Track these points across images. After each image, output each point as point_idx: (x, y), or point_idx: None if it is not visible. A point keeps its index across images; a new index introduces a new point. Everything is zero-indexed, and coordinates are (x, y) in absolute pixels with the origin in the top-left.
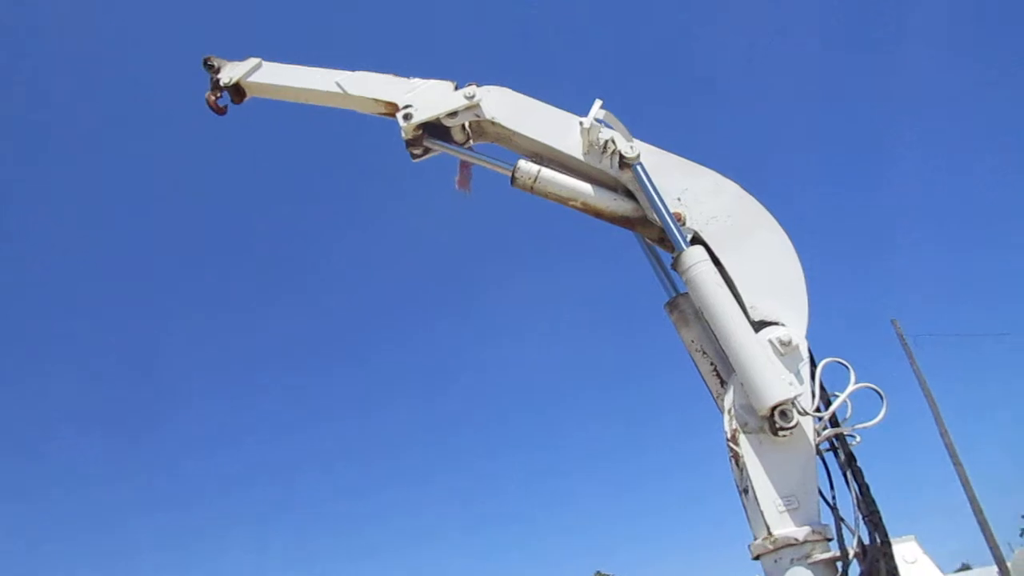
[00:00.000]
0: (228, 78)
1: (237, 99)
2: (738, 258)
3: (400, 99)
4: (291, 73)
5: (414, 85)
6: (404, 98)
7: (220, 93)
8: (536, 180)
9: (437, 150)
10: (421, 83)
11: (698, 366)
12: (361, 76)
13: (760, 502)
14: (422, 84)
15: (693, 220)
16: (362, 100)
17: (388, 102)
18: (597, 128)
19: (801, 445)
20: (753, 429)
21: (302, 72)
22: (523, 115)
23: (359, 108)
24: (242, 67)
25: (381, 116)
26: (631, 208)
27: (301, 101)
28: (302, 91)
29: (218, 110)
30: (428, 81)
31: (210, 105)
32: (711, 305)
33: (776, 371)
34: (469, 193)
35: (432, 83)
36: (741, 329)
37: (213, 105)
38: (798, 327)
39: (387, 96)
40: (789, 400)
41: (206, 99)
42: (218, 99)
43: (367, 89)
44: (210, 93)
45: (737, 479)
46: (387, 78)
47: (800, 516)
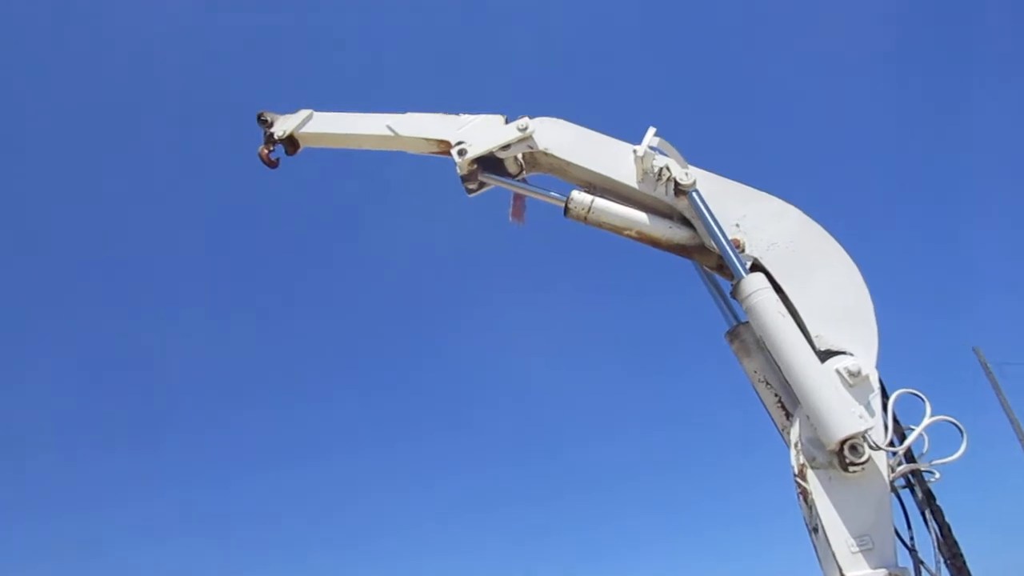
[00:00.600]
0: (282, 131)
1: (291, 150)
2: (801, 285)
3: (452, 136)
4: (343, 121)
5: (464, 121)
6: (456, 135)
7: (273, 147)
8: (590, 210)
9: (492, 184)
10: (470, 119)
11: (762, 398)
12: (411, 117)
13: (831, 542)
14: (472, 120)
15: (753, 247)
16: (414, 141)
17: (440, 140)
18: (651, 156)
19: (874, 482)
20: (822, 464)
21: (353, 119)
22: (576, 145)
23: (411, 149)
24: (294, 119)
25: (433, 155)
26: (688, 236)
27: (354, 147)
28: (354, 137)
29: (270, 164)
30: (477, 116)
31: (263, 159)
32: (773, 334)
33: (844, 403)
34: (523, 224)
35: (482, 118)
36: (805, 359)
37: (266, 159)
38: (867, 356)
39: (438, 135)
40: (859, 434)
41: (259, 153)
42: (271, 152)
43: (418, 129)
44: (263, 147)
45: (806, 517)
46: (436, 117)
47: (875, 558)
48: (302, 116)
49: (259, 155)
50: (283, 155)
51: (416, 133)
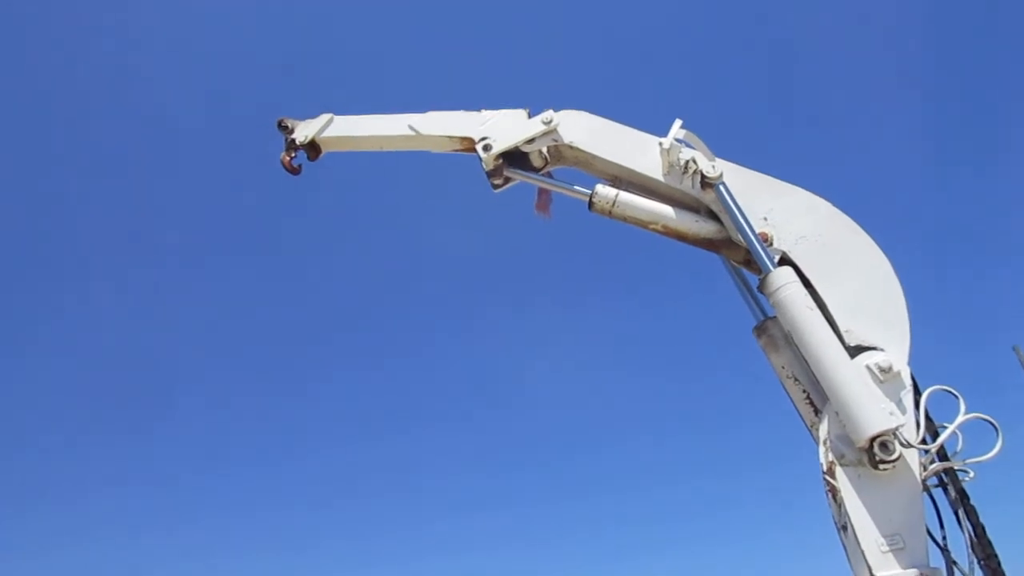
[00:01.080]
0: (303, 136)
1: (313, 156)
2: (830, 279)
3: (475, 132)
4: (364, 123)
5: (486, 117)
6: (479, 131)
7: (295, 153)
8: (615, 204)
9: (517, 179)
10: (493, 114)
11: (790, 394)
12: (432, 116)
13: (861, 541)
14: (494, 115)
15: (781, 240)
16: (437, 139)
17: (463, 137)
18: (677, 148)
19: (905, 480)
20: (851, 462)
21: (374, 121)
22: (601, 138)
23: (434, 148)
24: (315, 124)
25: (456, 152)
26: (714, 230)
27: (376, 149)
28: (376, 139)
29: (292, 170)
30: (499, 112)
31: (285, 166)
32: (801, 329)
33: (874, 399)
34: (549, 218)
35: (504, 112)
36: (835, 354)
37: (288, 166)
38: (899, 352)
39: (461, 132)
40: (889, 431)
41: (281, 160)
42: (293, 159)
43: (441, 128)
44: (285, 154)
45: (835, 515)
46: (458, 114)
47: (906, 557)
48: (323, 120)
49: (281, 162)
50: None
51: (439, 131)
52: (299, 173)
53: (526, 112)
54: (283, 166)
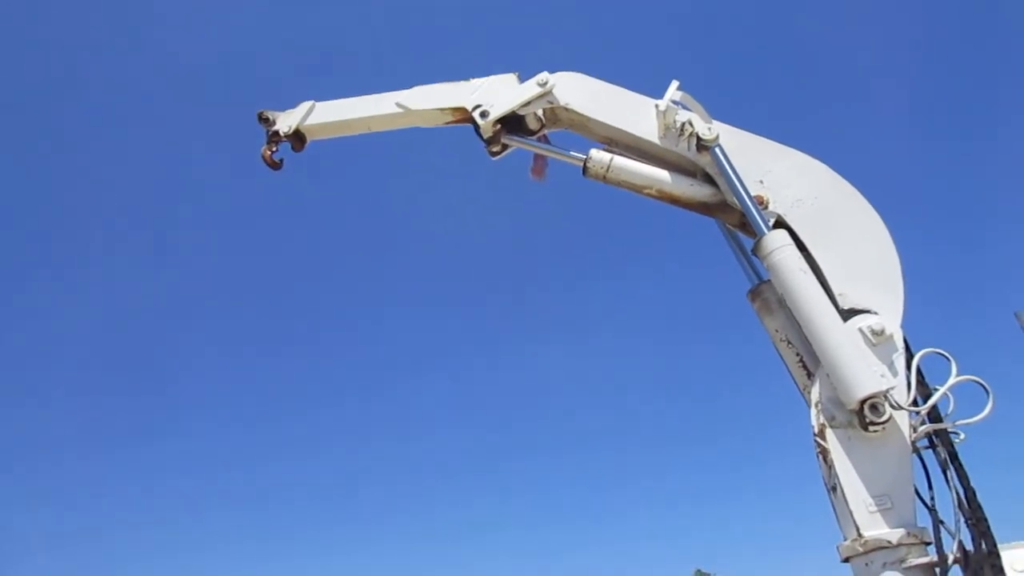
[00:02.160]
0: (287, 126)
1: (298, 146)
2: (826, 242)
3: (468, 101)
4: (348, 106)
5: (476, 85)
6: (472, 99)
7: (276, 147)
8: (609, 169)
9: (514, 145)
10: (482, 81)
11: (783, 357)
12: (420, 90)
13: (849, 501)
14: (484, 82)
15: (776, 203)
16: (428, 113)
17: (455, 108)
18: (674, 110)
19: (894, 441)
20: (841, 424)
21: (359, 102)
22: (597, 100)
23: (425, 123)
24: (297, 113)
25: (448, 125)
26: (709, 193)
27: (363, 131)
28: (363, 120)
29: (274, 165)
30: (488, 78)
31: (266, 160)
32: (794, 292)
33: (866, 362)
34: (544, 182)
35: (494, 78)
36: (827, 317)
37: (269, 160)
38: (892, 315)
39: (453, 102)
40: (880, 393)
41: (262, 155)
42: (274, 153)
43: (430, 101)
44: (266, 148)
45: (825, 476)
46: (446, 85)
47: (894, 517)
48: (305, 108)
49: (262, 156)
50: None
51: (429, 105)
52: (280, 168)
53: (516, 76)
54: (264, 161)
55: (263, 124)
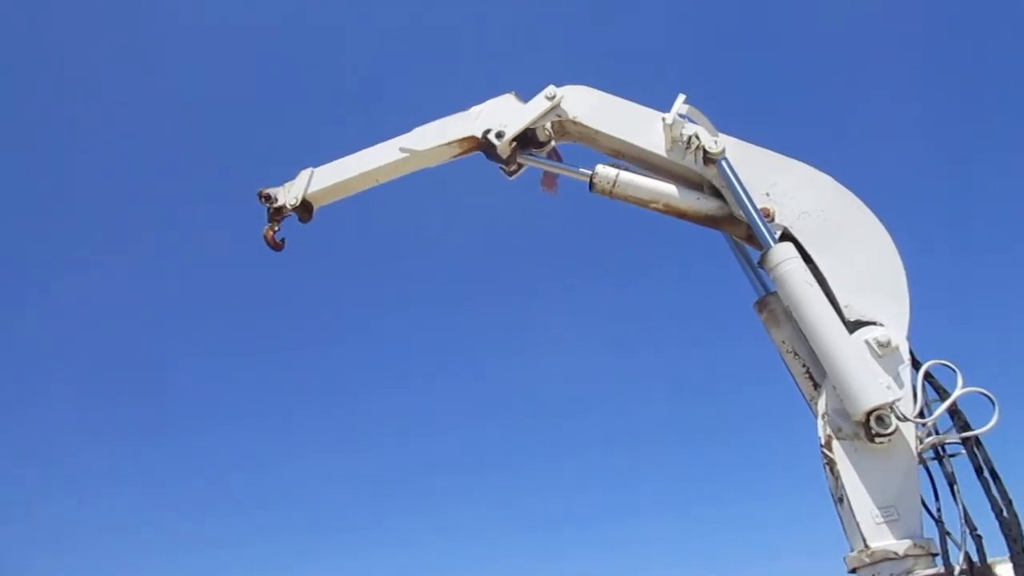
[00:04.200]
0: (293, 198)
1: (305, 217)
2: (831, 254)
3: (476, 129)
4: (350, 163)
5: (477, 112)
6: (479, 126)
7: (279, 225)
8: (615, 184)
9: (529, 164)
10: (482, 107)
11: (790, 368)
12: (421, 130)
13: (856, 512)
14: (485, 107)
15: (783, 216)
16: (437, 150)
17: (464, 139)
18: (680, 123)
19: (901, 453)
20: (848, 435)
21: (360, 157)
22: (604, 113)
23: (434, 161)
24: (299, 183)
25: (456, 158)
26: (716, 207)
27: (372, 185)
28: (370, 174)
29: (276, 246)
30: (488, 102)
31: (269, 242)
32: (800, 304)
33: (872, 374)
34: (555, 194)
35: (493, 102)
36: (833, 329)
37: (272, 242)
38: (898, 327)
39: (461, 133)
40: (886, 405)
41: (265, 237)
42: (276, 233)
43: (436, 138)
44: (269, 228)
45: (832, 487)
46: (447, 119)
47: (900, 528)
48: (305, 176)
49: (264, 238)
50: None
51: (436, 142)
52: (282, 248)
53: (513, 95)
54: (267, 243)
55: (264, 202)
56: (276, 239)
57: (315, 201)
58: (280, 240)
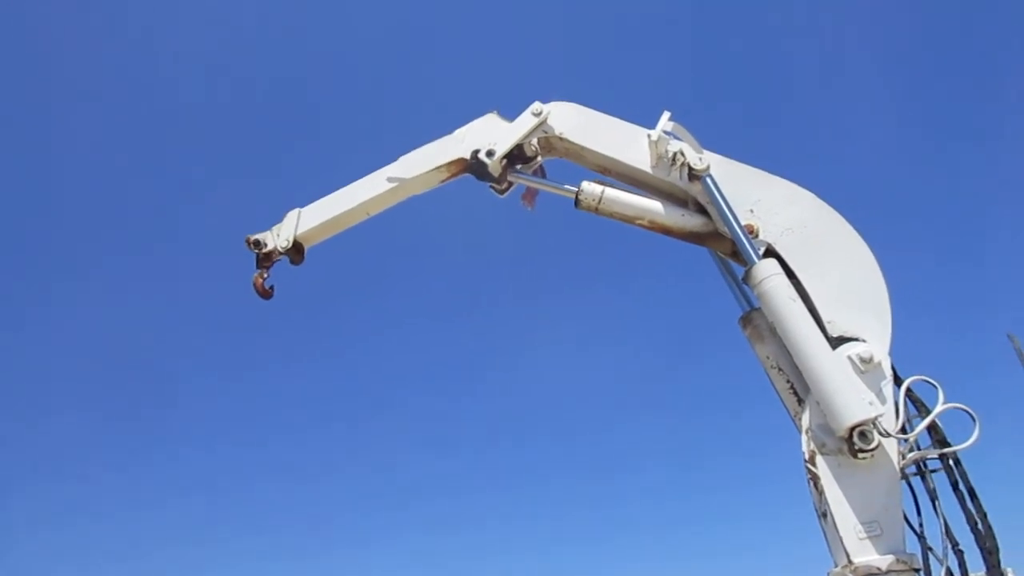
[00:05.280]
0: (284, 241)
1: (297, 259)
2: (815, 271)
3: (463, 151)
4: (338, 200)
5: (462, 135)
6: (466, 148)
7: (268, 272)
8: (600, 201)
9: (519, 182)
10: (466, 129)
11: (774, 383)
12: (407, 159)
13: (839, 528)
14: (468, 129)
15: (766, 232)
16: (424, 177)
17: (452, 162)
18: (665, 140)
19: (883, 468)
20: (831, 450)
21: (347, 192)
22: (590, 129)
23: (423, 188)
24: (287, 225)
25: (444, 183)
26: (700, 223)
27: (363, 219)
28: (361, 207)
29: (266, 294)
30: (471, 124)
31: (259, 290)
32: (784, 320)
33: (855, 390)
34: (533, 210)
35: (477, 122)
36: (816, 345)
37: (262, 290)
38: (880, 343)
39: (449, 157)
40: (869, 421)
41: (254, 284)
42: (265, 280)
43: (424, 164)
44: (258, 275)
45: (816, 502)
46: (432, 145)
47: (883, 544)
48: (293, 217)
49: (255, 286)
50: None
51: (424, 168)
52: (272, 296)
53: (495, 114)
54: (256, 290)
55: (253, 249)
56: (265, 286)
57: (306, 241)
58: (269, 287)
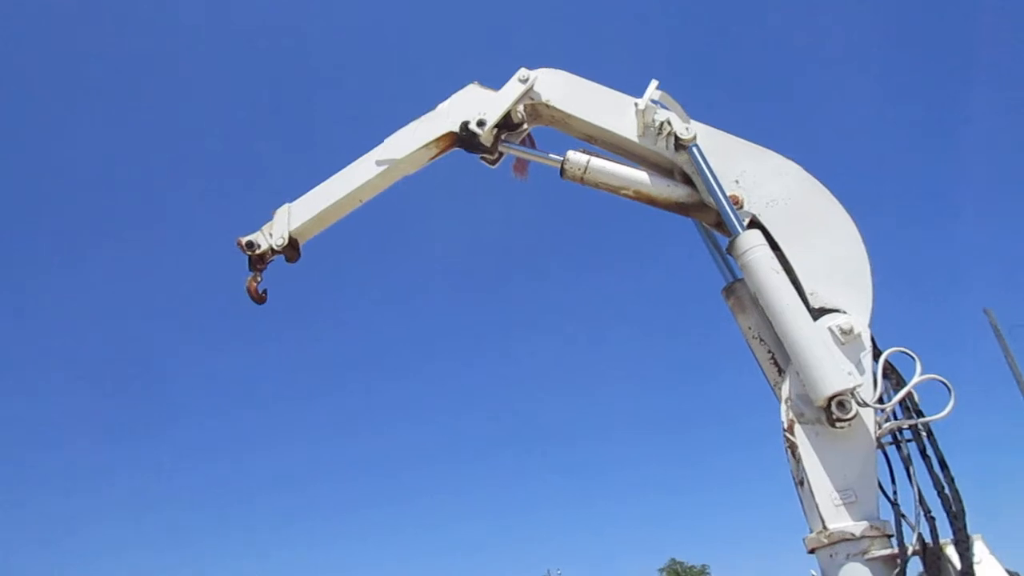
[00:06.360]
0: (279, 239)
1: (293, 255)
2: (798, 242)
3: (451, 124)
4: (331, 189)
5: (446, 108)
6: (454, 121)
7: (261, 275)
8: (586, 171)
9: (509, 152)
10: (450, 103)
11: (755, 354)
12: (394, 139)
13: (815, 495)
14: (453, 102)
15: (751, 203)
16: (414, 155)
17: (441, 136)
18: (653, 109)
19: (860, 437)
20: (810, 420)
21: (336, 181)
22: (577, 97)
23: (414, 167)
24: (279, 221)
25: (433, 160)
26: (686, 194)
27: (356, 207)
28: (354, 194)
29: (260, 299)
30: (453, 97)
31: (253, 295)
32: (766, 291)
33: (834, 360)
34: (526, 179)
35: (460, 95)
36: (798, 316)
37: (255, 294)
38: (861, 314)
39: (437, 132)
40: (847, 391)
41: (248, 290)
42: (259, 284)
43: (412, 142)
44: (251, 279)
45: (793, 470)
46: (417, 122)
47: (857, 511)
48: (284, 214)
49: (248, 291)
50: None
51: (413, 146)
52: (266, 301)
53: (477, 84)
54: (250, 295)
55: (246, 251)
56: (259, 291)
57: (301, 236)
58: (263, 292)
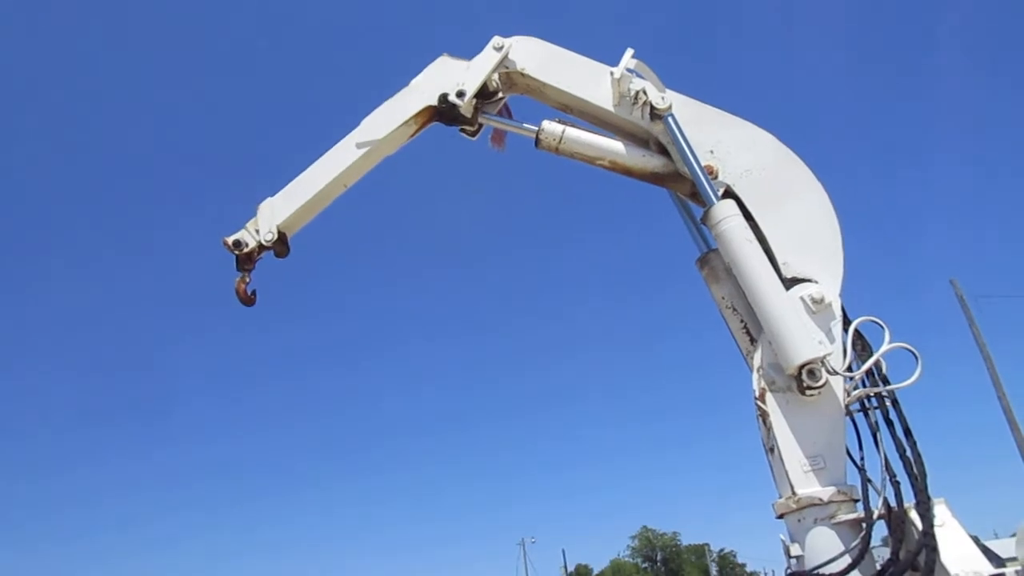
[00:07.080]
0: (268, 234)
1: (282, 250)
2: (772, 213)
3: (428, 99)
4: (313, 177)
5: (422, 82)
6: (430, 95)
7: (250, 276)
8: (561, 141)
9: (488, 124)
10: (422, 77)
11: (728, 323)
12: (371, 120)
13: (785, 461)
14: (425, 76)
15: (726, 174)
16: (396, 133)
17: (419, 112)
18: (628, 78)
19: (829, 405)
20: (781, 388)
21: (317, 170)
22: (553, 65)
23: (395, 146)
24: (265, 216)
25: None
26: (661, 164)
27: (341, 192)
28: (337, 180)
29: (249, 301)
30: (426, 71)
31: (241, 297)
32: (740, 261)
33: (805, 329)
34: (503, 150)
35: (432, 68)
36: (770, 286)
37: (244, 295)
38: (832, 284)
39: (414, 108)
40: (817, 359)
41: (237, 291)
42: (247, 285)
43: (390, 121)
44: (240, 280)
45: (764, 438)
46: (391, 102)
47: (826, 476)
48: (267, 208)
49: (237, 293)
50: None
51: (392, 125)
52: (255, 302)
53: (447, 56)
54: (239, 297)
55: (233, 250)
56: (248, 293)
57: (289, 229)
58: (252, 293)
